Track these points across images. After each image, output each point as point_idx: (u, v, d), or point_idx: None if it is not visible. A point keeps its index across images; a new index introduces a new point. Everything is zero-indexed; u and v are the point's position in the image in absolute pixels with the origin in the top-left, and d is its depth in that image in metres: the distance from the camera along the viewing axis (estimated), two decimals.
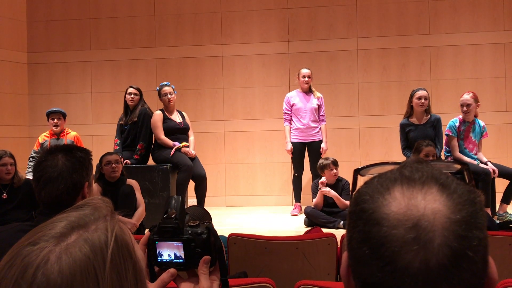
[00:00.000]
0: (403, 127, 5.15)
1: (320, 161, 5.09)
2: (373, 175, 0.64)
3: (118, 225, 0.62)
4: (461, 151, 5.03)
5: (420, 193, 0.58)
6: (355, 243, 0.59)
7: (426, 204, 0.57)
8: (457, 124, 5.04)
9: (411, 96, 5.13)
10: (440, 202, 0.57)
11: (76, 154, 1.64)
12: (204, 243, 1.02)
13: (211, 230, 1.04)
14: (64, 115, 5.65)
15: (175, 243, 1.01)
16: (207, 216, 1.53)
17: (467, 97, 5.00)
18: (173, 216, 1.03)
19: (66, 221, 0.60)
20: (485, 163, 4.95)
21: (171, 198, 1.07)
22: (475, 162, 4.92)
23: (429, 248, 0.55)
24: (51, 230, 0.59)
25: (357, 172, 0.71)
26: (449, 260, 0.55)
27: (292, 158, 5.79)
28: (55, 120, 5.56)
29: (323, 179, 4.93)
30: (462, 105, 5.00)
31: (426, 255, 0.55)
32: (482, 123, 5.14)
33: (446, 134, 5.07)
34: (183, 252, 1.01)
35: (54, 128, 5.59)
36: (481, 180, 4.74)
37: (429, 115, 5.10)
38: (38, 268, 0.55)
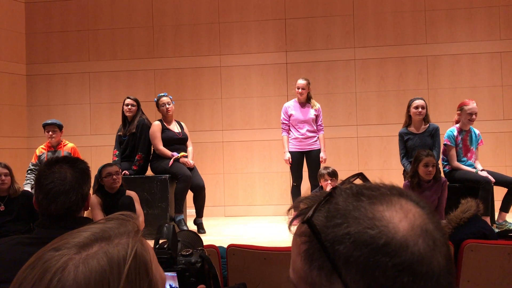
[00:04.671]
0: (402, 136, 5.15)
1: (321, 168, 5.13)
2: (327, 215, 0.61)
3: (140, 242, 0.63)
4: (459, 160, 5.03)
5: (397, 205, 0.60)
6: (387, 280, 0.56)
7: (410, 211, 0.60)
8: (455, 134, 5.04)
9: (409, 106, 5.15)
10: (412, 205, 0.61)
11: (80, 166, 1.65)
12: (198, 272, 1.01)
13: (205, 259, 1.03)
14: (60, 127, 5.62)
15: (169, 273, 0.99)
16: (199, 242, 1.50)
17: (475, 105, 5.00)
18: (165, 246, 1.01)
19: (90, 232, 0.61)
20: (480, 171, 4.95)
21: (162, 226, 1.04)
22: (474, 171, 4.92)
23: (441, 244, 0.59)
24: (74, 239, 0.60)
25: (309, 221, 0.57)
26: (447, 244, 0.60)
27: (290, 167, 5.79)
28: (50, 133, 5.55)
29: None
30: (470, 113, 4.97)
31: (442, 250, 0.59)
32: (477, 131, 5.16)
33: (444, 144, 5.06)
34: (177, 282, 1.00)
35: (50, 140, 5.58)
36: (482, 188, 4.72)
37: (428, 124, 5.11)
38: (56, 274, 0.57)
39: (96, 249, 0.59)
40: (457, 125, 5.09)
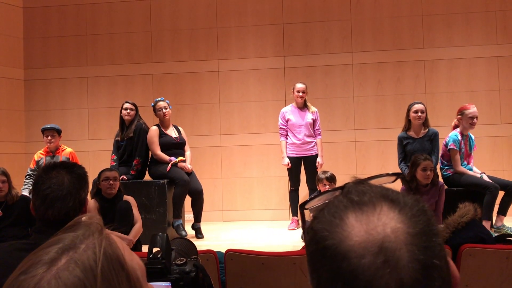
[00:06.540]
0: (401, 140, 5.14)
1: (319, 173, 5.11)
2: (317, 205, 0.62)
3: (106, 239, 0.62)
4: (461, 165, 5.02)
5: (374, 215, 0.58)
6: (326, 282, 0.57)
7: (384, 225, 0.57)
8: (459, 138, 5.01)
9: (408, 110, 5.13)
10: (396, 219, 0.58)
11: (77, 171, 1.65)
12: (192, 281, 1.00)
13: (199, 268, 1.02)
14: (58, 132, 5.62)
15: (163, 283, 0.99)
16: (193, 249, 1.49)
17: (475, 109, 5.00)
18: (159, 256, 1.00)
19: (57, 245, 0.60)
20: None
21: (155, 236, 1.04)
22: (478, 175, 4.91)
23: (400, 267, 0.55)
24: (42, 256, 0.59)
25: (302, 207, 0.64)
26: (421, 273, 0.55)
27: (288, 172, 5.79)
28: (49, 137, 5.55)
29: None
30: (472, 117, 4.96)
31: (399, 274, 0.55)
32: (472, 136, 5.17)
33: (449, 149, 5.00)
34: None
35: (49, 145, 5.58)
36: (489, 193, 4.71)
37: (427, 129, 5.10)
38: None
39: (65, 260, 0.58)
40: (458, 129, 5.08)
